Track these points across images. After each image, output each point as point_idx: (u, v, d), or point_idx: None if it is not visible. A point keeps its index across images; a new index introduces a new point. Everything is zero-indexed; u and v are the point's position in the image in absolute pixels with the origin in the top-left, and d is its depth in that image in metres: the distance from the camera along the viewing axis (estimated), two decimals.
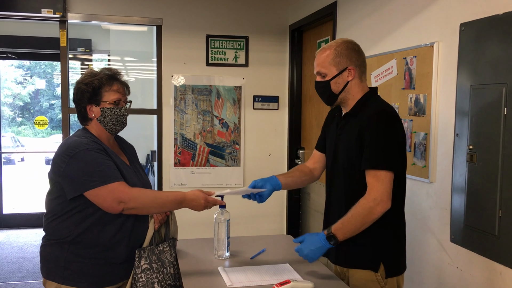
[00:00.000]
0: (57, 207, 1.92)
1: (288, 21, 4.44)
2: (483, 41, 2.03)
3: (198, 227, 4.33)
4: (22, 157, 13.91)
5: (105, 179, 1.84)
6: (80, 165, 1.86)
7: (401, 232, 2.00)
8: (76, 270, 1.91)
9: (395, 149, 1.87)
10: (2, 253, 5.38)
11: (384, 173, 1.82)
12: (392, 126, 1.88)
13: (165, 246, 2.06)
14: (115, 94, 2.00)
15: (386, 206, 1.82)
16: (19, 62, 13.50)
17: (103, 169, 1.86)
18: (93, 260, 1.92)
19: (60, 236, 1.92)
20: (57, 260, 1.93)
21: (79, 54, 6.19)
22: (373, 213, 1.82)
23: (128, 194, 1.85)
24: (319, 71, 1.98)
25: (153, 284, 1.96)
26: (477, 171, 2.07)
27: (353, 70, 1.94)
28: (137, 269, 1.96)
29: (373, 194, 1.82)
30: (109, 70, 2.04)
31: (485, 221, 2.02)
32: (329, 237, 1.86)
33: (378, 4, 2.93)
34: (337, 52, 1.94)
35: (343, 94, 1.97)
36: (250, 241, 2.45)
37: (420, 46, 2.46)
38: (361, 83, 1.98)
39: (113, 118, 2.00)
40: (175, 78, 4.26)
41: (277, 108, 4.49)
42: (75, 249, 1.91)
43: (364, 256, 1.93)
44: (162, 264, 2.02)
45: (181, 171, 4.31)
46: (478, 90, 2.06)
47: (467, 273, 2.14)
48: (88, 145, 1.89)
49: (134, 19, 4.19)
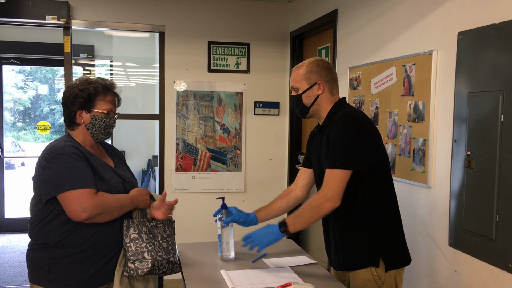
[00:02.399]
0: (39, 212, 1.97)
1: (289, 28, 4.49)
2: (480, 49, 2.08)
3: (200, 232, 4.36)
4: (23, 162, 13.91)
5: (74, 184, 1.88)
6: (54, 169, 1.91)
7: (395, 227, 2.07)
8: (61, 273, 1.94)
9: (352, 149, 1.95)
10: (4, 257, 5.40)
11: (338, 172, 1.93)
12: (353, 127, 1.98)
13: (159, 223, 2.08)
14: (108, 104, 2.06)
15: (335, 203, 1.92)
16: (20, 67, 13.53)
17: (74, 173, 1.90)
18: (77, 262, 1.94)
19: (44, 240, 1.96)
20: (42, 264, 1.96)
21: (81, 60, 6.23)
22: (322, 208, 1.94)
23: (92, 203, 1.88)
24: (293, 85, 2.15)
25: (142, 253, 1.96)
26: (475, 176, 2.10)
27: (322, 84, 2.09)
28: (126, 238, 1.97)
29: (325, 191, 1.94)
30: (105, 80, 2.09)
31: (483, 225, 2.06)
32: (280, 225, 2.00)
33: (378, 13, 2.98)
34: (308, 68, 2.11)
35: (314, 107, 2.12)
36: None
37: (419, 54, 2.50)
38: (331, 97, 2.12)
39: (101, 127, 2.05)
40: (177, 84, 4.31)
41: (278, 114, 4.54)
42: (58, 253, 1.94)
43: (362, 256, 2.00)
44: (154, 237, 2.02)
45: (182, 176, 4.34)
46: (476, 97, 2.10)
47: (465, 276, 2.18)
48: (64, 149, 1.93)
49: (137, 25, 4.24)
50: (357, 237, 2.02)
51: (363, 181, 1.98)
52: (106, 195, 1.94)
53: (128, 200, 2.01)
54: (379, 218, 2.01)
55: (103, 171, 2.01)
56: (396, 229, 2.07)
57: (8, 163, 11.33)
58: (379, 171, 2.03)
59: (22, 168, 13.56)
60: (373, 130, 2.06)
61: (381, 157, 2.05)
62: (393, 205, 2.08)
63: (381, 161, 2.05)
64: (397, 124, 2.69)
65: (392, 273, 2.00)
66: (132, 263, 1.94)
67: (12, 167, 12.68)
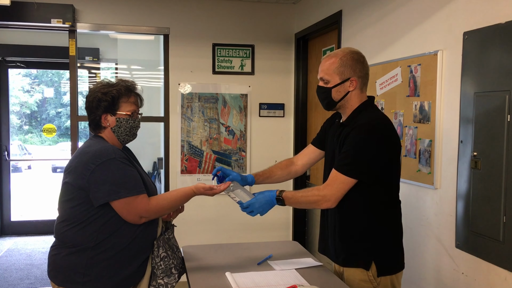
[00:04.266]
0: (79, 214, 1.93)
1: (294, 29, 4.48)
2: (486, 49, 2.06)
3: (205, 234, 4.36)
4: (29, 165, 14.00)
5: (130, 191, 1.91)
6: (106, 174, 1.90)
7: (394, 233, 2.02)
8: (97, 275, 1.92)
9: (364, 160, 1.90)
10: (10, 260, 5.42)
11: (343, 177, 1.91)
12: (373, 138, 1.91)
13: (170, 234, 2.12)
14: (132, 105, 2.07)
15: (332, 206, 1.95)
16: (27, 71, 13.61)
17: (128, 180, 1.93)
18: (114, 264, 1.94)
19: (81, 242, 1.93)
20: (77, 267, 1.92)
21: (87, 63, 6.26)
22: (318, 205, 1.98)
23: (149, 209, 1.95)
24: (323, 77, 2.04)
25: (171, 269, 2.04)
26: (482, 177, 2.09)
27: (355, 81, 1.99)
28: (156, 258, 2.02)
29: (326, 191, 1.94)
30: (126, 82, 2.09)
31: (490, 227, 2.04)
32: (278, 199, 2.02)
33: (382, 13, 2.97)
34: (342, 61, 1.99)
35: (342, 102, 2.03)
36: (257, 247, 2.47)
37: (424, 54, 2.49)
38: (360, 94, 2.03)
39: (127, 129, 2.06)
40: (182, 86, 4.31)
41: (283, 115, 4.53)
42: (96, 254, 1.92)
43: (357, 255, 1.98)
44: (173, 250, 2.08)
45: (187, 178, 4.34)
46: (482, 97, 2.09)
47: (472, 278, 2.16)
48: (115, 153, 1.94)
49: (141, 28, 4.25)
50: (354, 237, 1.99)
51: (370, 187, 1.93)
52: (158, 198, 2.01)
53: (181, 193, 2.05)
54: (379, 223, 1.97)
55: (145, 177, 2.06)
56: (395, 236, 2.02)
57: (14, 166, 11.39)
58: (388, 182, 1.99)
59: (28, 171, 13.64)
60: (393, 142, 1.97)
61: (394, 170, 2.00)
62: (395, 212, 2.04)
63: (393, 174, 2.00)
64: (402, 125, 2.68)
65: (388, 276, 1.97)
66: (161, 279, 2.02)
67: (18, 170, 12.76)
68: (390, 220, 2.01)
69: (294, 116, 4.52)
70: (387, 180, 1.98)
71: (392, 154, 1.97)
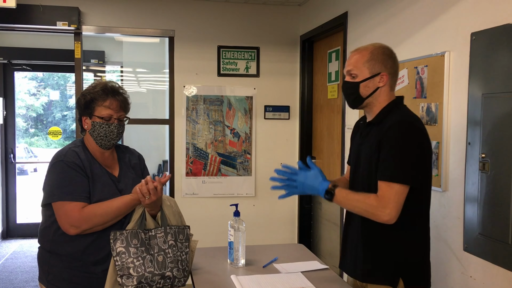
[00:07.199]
0: (42, 215, 2.03)
1: (299, 31, 4.47)
2: (494, 50, 2.04)
3: (210, 237, 4.34)
4: (35, 168, 14.04)
5: (62, 195, 1.90)
6: (50, 177, 1.96)
7: (423, 247, 1.91)
8: (57, 274, 1.99)
9: (412, 162, 1.77)
10: (16, 262, 5.42)
11: (397, 187, 1.74)
12: (412, 138, 1.78)
13: (159, 232, 1.93)
14: (106, 110, 1.99)
15: (393, 221, 1.74)
16: (33, 74, 13.67)
17: (66, 184, 1.91)
18: (70, 271, 1.97)
19: (44, 242, 2.02)
20: (43, 265, 2.03)
21: (92, 66, 6.27)
22: (374, 217, 1.76)
23: (79, 219, 1.88)
24: (350, 70, 1.91)
25: (128, 269, 1.84)
26: (490, 179, 2.06)
27: (385, 76, 1.87)
28: (113, 251, 1.87)
29: (389, 210, 1.73)
30: (107, 84, 2.02)
31: (499, 229, 2.01)
32: (328, 192, 1.82)
33: (388, 14, 2.95)
34: (372, 55, 1.87)
35: (370, 99, 1.90)
36: (262, 249, 2.46)
37: (431, 56, 2.47)
38: (390, 91, 1.91)
39: (101, 133, 2.00)
40: (187, 89, 4.31)
41: (288, 118, 4.52)
42: (54, 256, 1.99)
43: (382, 271, 1.85)
44: (147, 250, 1.88)
45: (192, 180, 4.34)
46: (490, 99, 2.07)
47: (480, 282, 2.13)
48: (65, 156, 1.95)
49: (147, 30, 4.25)
50: (380, 250, 1.85)
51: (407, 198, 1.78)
52: (95, 207, 1.92)
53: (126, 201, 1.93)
54: (409, 237, 1.85)
55: (98, 182, 1.98)
56: (425, 251, 1.92)
57: (20, 169, 11.43)
58: (425, 190, 1.87)
59: (34, 173, 13.68)
60: (429, 145, 1.85)
61: (429, 176, 1.88)
62: (425, 226, 1.93)
63: (428, 181, 1.88)
64: None
65: None
66: (120, 278, 1.85)
67: (24, 173, 12.79)
68: (421, 233, 1.90)
69: (299, 118, 4.51)
70: (425, 186, 1.86)
71: (428, 158, 1.85)
